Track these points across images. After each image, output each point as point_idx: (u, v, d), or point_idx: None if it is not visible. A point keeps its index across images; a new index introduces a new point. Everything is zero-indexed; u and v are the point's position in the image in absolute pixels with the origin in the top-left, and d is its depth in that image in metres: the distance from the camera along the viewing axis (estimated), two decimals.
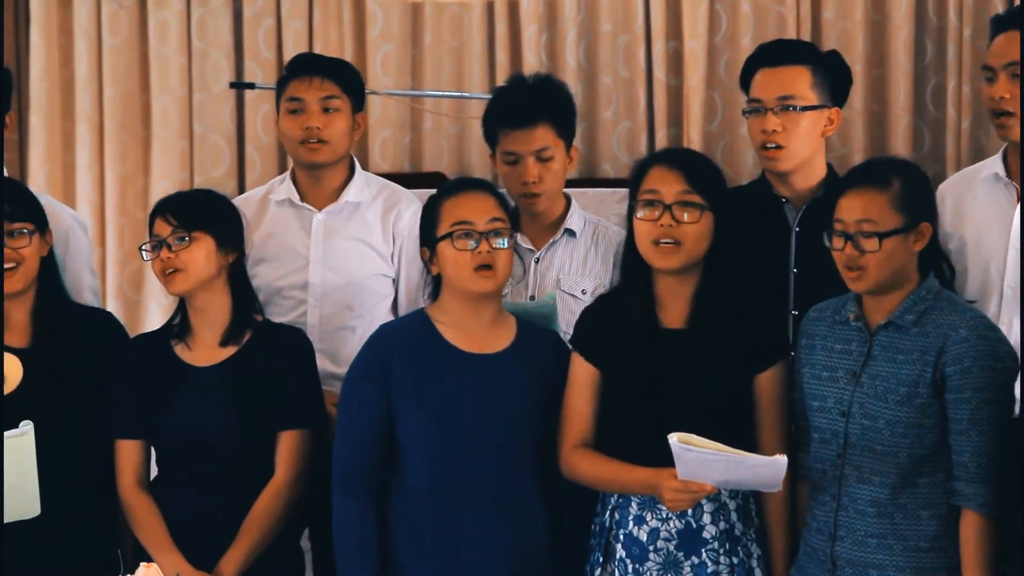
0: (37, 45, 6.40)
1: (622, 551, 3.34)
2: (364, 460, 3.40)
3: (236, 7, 6.38)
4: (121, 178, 6.42)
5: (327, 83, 3.91)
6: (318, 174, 3.93)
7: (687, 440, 3.09)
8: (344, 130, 3.91)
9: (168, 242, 3.50)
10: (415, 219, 3.94)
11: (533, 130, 3.85)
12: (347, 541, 3.39)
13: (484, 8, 6.23)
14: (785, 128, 3.76)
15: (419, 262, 3.91)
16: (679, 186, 3.31)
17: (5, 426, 3.11)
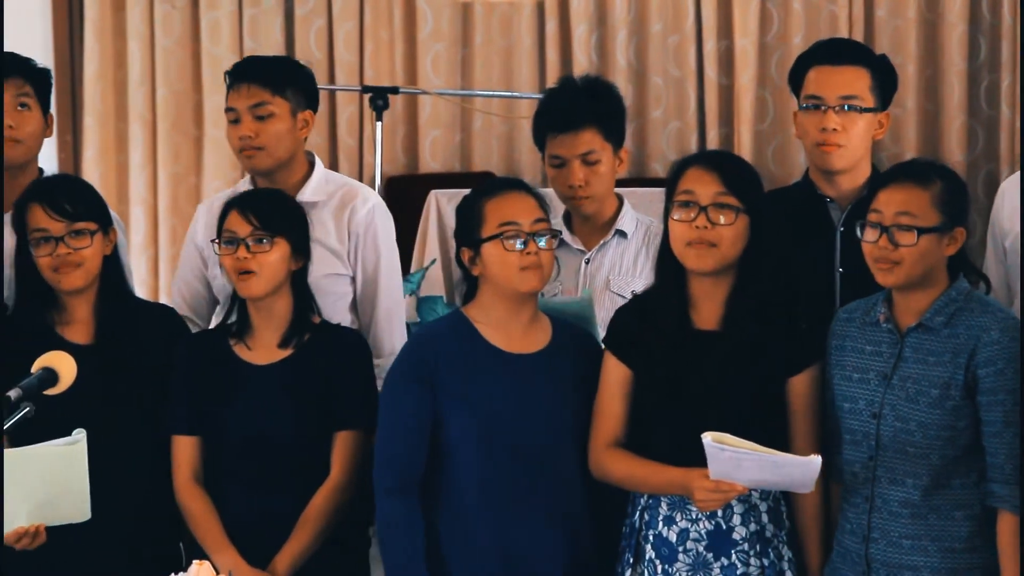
0: (91, 46, 6.45)
1: (652, 552, 3.33)
2: (410, 461, 3.40)
3: (287, 7, 6.41)
4: (173, 177, 6.47)
5: (255, 89, 3.86)
6: (272, 176, 3.92)
7: (721, 439, 3.08)
8: (281, 133, 3.85)
9: (247, 241, 3.51)
10: (371, 215, 3.94)
11: (578, 134, 3.84)
12: (394, 542, 3.39)
13: (534, 7, 6.23)
14: (844, 128, 3.75)
15: (374, 258, 3.93)
16: (715, 188, 3.29)
17: (63, 424, 3.13)
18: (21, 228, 3.52)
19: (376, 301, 3.93)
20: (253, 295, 3.53)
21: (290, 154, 3.88)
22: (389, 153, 6.19)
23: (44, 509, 3.20)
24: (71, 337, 3.52)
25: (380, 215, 3.96)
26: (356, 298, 3.92)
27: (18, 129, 3.84)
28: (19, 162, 3.86)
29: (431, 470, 3.40)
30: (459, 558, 3.39)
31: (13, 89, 3.85)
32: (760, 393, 3.29)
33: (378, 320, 3.91)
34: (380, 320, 3.91)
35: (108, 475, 3.26)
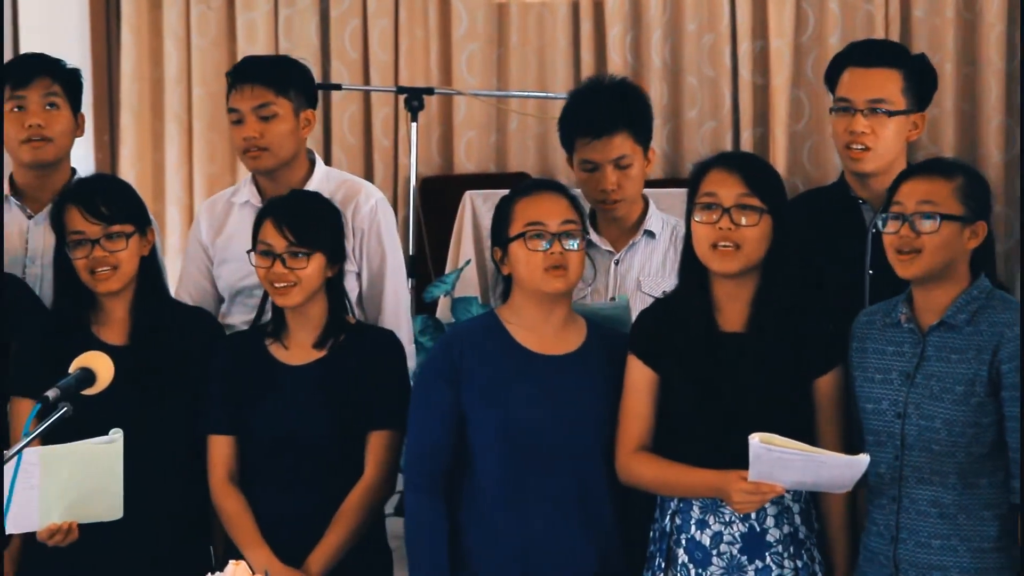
0: (128, 46, 6.49)
1: (684, 556, 3.32)
2: (436, 459, 3.40)
3: (323, 7, 6.43)
4: (209, 177, 6.50)
5: (259, 89, 3.84)
6: (275, 176, 3.91)
7: (768, 440, 3.07)
8: (285, 133, 3.85)
9: (283, 257, 3.51)
10: (374, 212, 3.93)
11: (611, 139, 3.82)
12: (419, 540, 3.39)
13: (569, 8, 6.23)
14: (873, 131, 3.72)
15: (379, 253, 3.93)
16: (738, 189, 3.28)
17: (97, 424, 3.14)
18: (59, 229, 3.53)
19: (382, 297, 3.93)
20: (290, 306, 3.53)
21: (293, 154, 3.89)
22: (424, 154, 6.20)
23: (77, 506, 3.21)
24: (106, 337, 3.53)
25: (383, 211, 3.96)
26: (361, 294, 3.93)
27: (47, 128, 3.85)
28: (48, 161, 3.88)
29: (458, 469, 3.41)
30: (483, 557, 3.39)
31: (41, 89, 3.87)
32: (786, 394, 3.28)
33: (384, 316, 3.92)
34: (387, 316, 3.91)
35: (139, 475, 3.26)
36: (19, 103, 3.84)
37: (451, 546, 3.39)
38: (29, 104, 3.83)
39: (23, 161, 3.88)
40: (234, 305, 3.90)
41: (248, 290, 3.86)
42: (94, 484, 3.18)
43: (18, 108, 3.84)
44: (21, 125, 3.83)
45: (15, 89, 3.84)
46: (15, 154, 3.88)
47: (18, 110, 3.84)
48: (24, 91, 3.84)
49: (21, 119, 3.83)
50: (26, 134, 3.82)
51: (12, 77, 3.87)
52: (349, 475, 3.53)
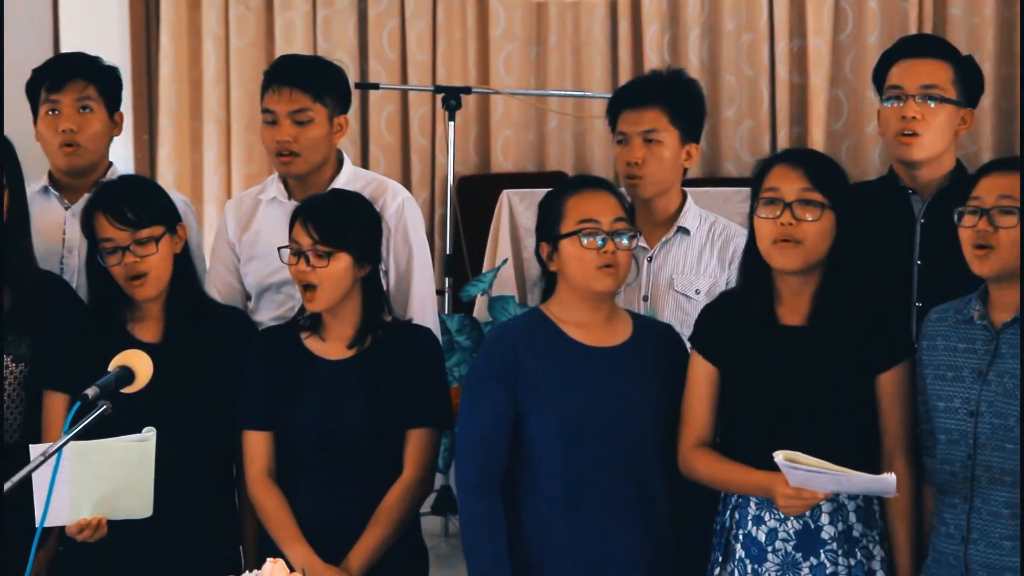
0: (167, 47, 6.52)
1: (741, 551, 3.32)
2: (492, 459, 3.39)
3: (360, 8, 6.45)
4: (247, 176, 6.53)
5: (297, 94, 3.82)
6: (303, 177, 3.93)
7: (792, 458, 3.06)
8: (318, 139, 3.84)
9: (307, 254, 3.52)
10: (400, 211, 3.93)
11: (643, 111, 3.82)
12: (477, 541, 3.38)
13: (607, 7, 6.23)
14: (924, 117, 3.73)
15: (406, 252, 3.92)
16: (800, 184, 3.27)
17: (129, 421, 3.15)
18: (90, 234, 3.55)
19: (409, 295, 3.93)
20: (317, 310, 3.54)
21: (324, 159, 3.89)
22: (461, 153, 6.21)
23: (108, 503, 3.22)
24: (141, 335, 3.54)
25: (410, 209, 3.96)
26: (389, 292, 3.93)
27: (79, 133, 3.86)
28: (82, 166, 3.89)
29: (513, 467, 3.40)
30: (541, 555, 3.38)
31: (75, 92, 3.88)
32: (848, 390, 3.26)
33: (412, 314, 3.91)
34: (414, 313, 3.91)
35: (170, 473, 3.27)
36: (53, 106, 3.86)
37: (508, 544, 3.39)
38: (63, 108, 3.85)
39: (58, 166, 3.91)
40: (261, 301, 3.91)
41: (276, 286, 3.87)
42: (125, 481, 3.19)
43: (52, 112, 3.86)
44: (55, 129, 3.85)
45: (50, 92, 3.86)
46: (51, 157, 3.91)
47: (52, 113, 3.86)
48: (58, 95, 3.86)
49: (55, 123, 3.85)
50: (60, 139, 3.84)
51: (47, 80, 3.89)
52: (387, 472, 3.53)
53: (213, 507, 3.57)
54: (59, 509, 3.10)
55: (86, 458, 3.09)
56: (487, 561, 3.35)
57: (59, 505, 3.09)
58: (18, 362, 3.55)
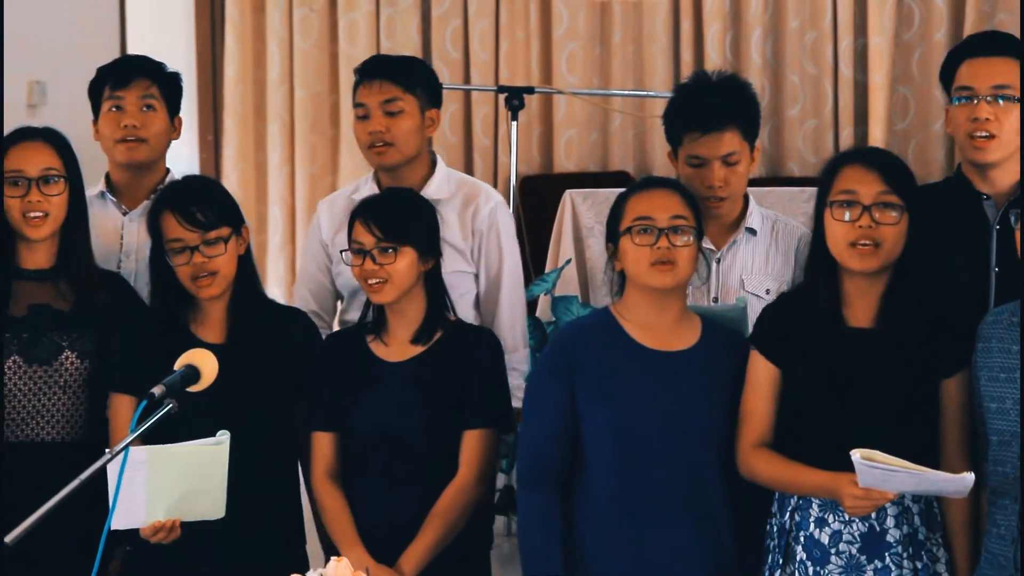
0: (231, 49, 6.57)
1: (803, 553, 3.30)
2: (549, 457, 3.41)
3: (424, 8, 6.46)
4: (310, 177, 6.56)
5: (387, 85, 3.86)
6: (396, 173, 3.93)
7: (870, 456, 3.03)
8: (410, 130, 3.86)
9: (372, 253, 3.54)
10: (494, 213, 3.94)
11: (721, 135, 3.79)
12: (532, 537, 3.40)
13: (669, 6, 6.21)
14: (997, 118, 3.65)
15: (497, 257, 3.93)
16: (878, 187, 3.25)
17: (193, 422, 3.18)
18: (156, 234, 3.57)
19: (499, 299, 3.94)
20: (384, 303, 3.56)
21: (417, 151, 3.91)
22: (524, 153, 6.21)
23: (182, 505, 3.24)
24: (204, 336, 3.57)
25: (502, 213, 3.98)
26: (479, 295, 3.94)
27: (143, 129, 3.90)
28: (143, 161, 3.93)
29: (572, 465, 3.41)
30: (596, 554, 3.38)
31: (139, 90, 3.92)
32: (912, 393, 3.24)
33: (501, 317, 3.93)
34: (503, 317, 3.93)
35: (236, 473, 3.29)
36: (117, 103, 3.90)
37: (564, 544, 3.39)
38: (126, 105, 3.89)
39: (117, 160, 3.94)
40: (353, 302, 3.92)
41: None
42: (199, 484, 3.21)
43: (116, 108, 3.90)
44: (118, 125, 3.89)
45: (114, 89, 3.90)
46: (111, 153, 3.95)
47: (116, 110, 3.90)
48: (122, 92, 3.89)
49: (118, 119, 3.89)
50: (121, 134, 3.88)
51: (112, 78, 3.93)
52: (444, 473, 3.53)
53: (278, 506, 3.60)
54: (134, 512, 3.13)
55: (162, 462, 3.11)
56: (540, 557, 3.36)
57: (134, 508, 3.12)
58: (83, 359, 3.59)
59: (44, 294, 3.61)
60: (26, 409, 3.57)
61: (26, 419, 3.57)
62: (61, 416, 3.58)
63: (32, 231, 3.56)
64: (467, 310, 3.89)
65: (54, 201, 3.57)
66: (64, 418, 3.58)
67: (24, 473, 3.50)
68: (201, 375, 2.94)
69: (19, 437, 3.57)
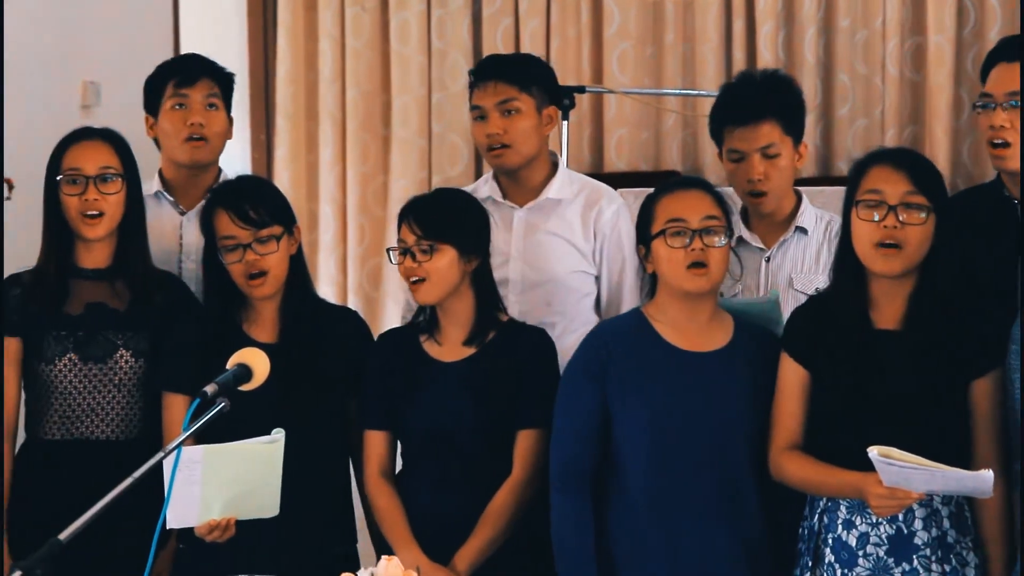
0: (283, 48, 6.59)
1: (831, 555, 3.29)
2: (582, 458, 3.42)
3: (475, 7, 6.46)
4: (362, 176, 6.57)
5: (502, 86, 3.87)
6: (516, 175, 3.93)
7: (887, 453, 3.02)
8: (528, 130, 3.86)
9: (412, 250, 3.55)
10: (616, 217, 3.93)
11: (758, 127, 3.79)
12: (565, 539, 3.41)
13: (721, 5, 6.18)
14: (1012, 125, 3.64)
15: (620, 260, 3.92)
16: (904, 187, 3.23)
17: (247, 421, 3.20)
18: (208, 232, 3.59)
19: (621, 303, 3.93)
20: (425, 302, 3.57)
21: (536, 151, 3.89)
22: (575, 152, 6.20)
23: (237, 503, 3.27)
24: (257, 336, 3.59)
25: (624, 217, 3.96)
26: (599, 297, 3.93)
27: (207, 128, 3.93)
28: (205, 161, 3.95)
29: (602, 466, 3.41)
30: (628, 556, 3.39)
31: (204, 89, 3.94)
32: (941, 395, 3.22)
33: None
34: None
35: (288, 471, 3.31)
36: (181, 101, 3.92)
37: (597, 545, 3.39)
38: (192, 103, 3.91)
39: (180, 160, 3.95)
40: None
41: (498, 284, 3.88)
42: (255, 482, 3.23)
43: (180, 106, 3.92)
44: (183, 123, 3.90)
45: (179, 87, 3.92)
46: (172, 152, 3.95)
47: (180, 108, 3.92)
48: (188, 90, 3.91)
49: (184, 117, 3.91)
50: (188, 132, 3.89)
51: (177, 75, 3.95)
52: (497, 473, 3.55)
53: (330, 505, 3.62)
54: (189, 510, 3.16)
55: (218, 461, 3.14)
56: (574, 558, 3.38)
57: (189, 506, 3.14)
58: (137, 357, 3.61)
59: (101, 293, 3.65)
60: (81, 407, 3.60)
61: (81, 417, 3.60)
62: (116, 414, 3.61)
63: (89, 230, 3.59)
64: (588, 312, 3.89)
65: (111, 200, 3.60)
66: (119, 416, 3.61)
67: (79, 471, 3.54)
68: (253, 374, 2.96)
69: (74, 435, 3.60)
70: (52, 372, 3.60)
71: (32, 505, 3.58)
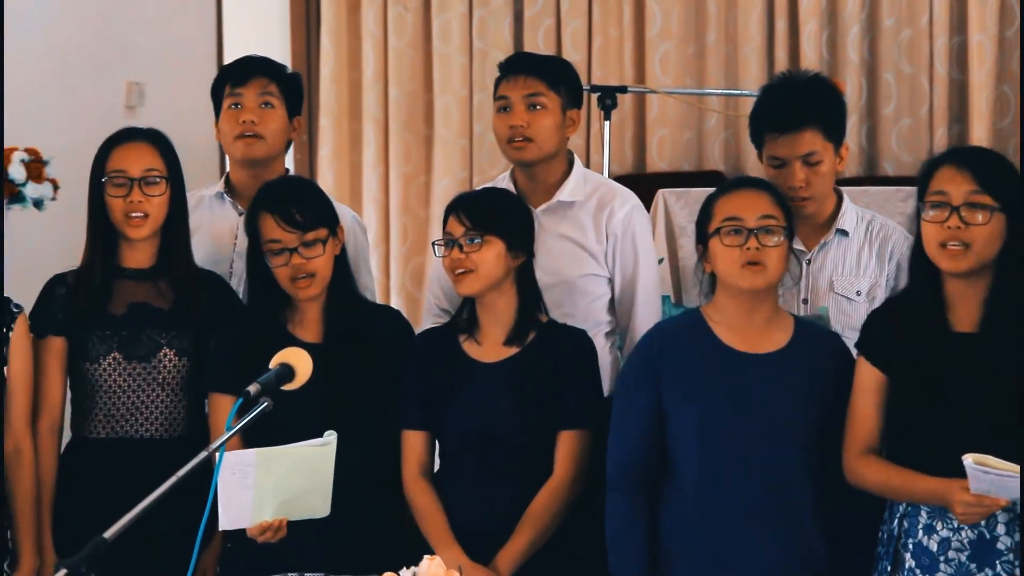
0: (327, 49, 6.62)
1: (911, 561, 3.26)
2: (637, 458, 3.40)
3: (516, 7, 6.47)
4: (404, 176, 6.59)
5: (532, 80, 3.86)
6: (533, 172, 3.92)
7: (982, 461, 2.99)
8: (551, 127, 3.85)
9: (459, 242, 3.55)
10: (629, 217, 3.92)
11: (800, 135, 3.76)
12: (619, 539, 3.40)
13: (764, 5, 6.17)
14: None
15: (632, 260, 3.90)
16: (968, 187, 3.20)
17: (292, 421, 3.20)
18: (253, 234, 3.61)
19: (634, 303, 3.91)
20: (469, 293, 3.56)
21: (555, 150, 3.89)
22: (616, 152, 6.20)
23: (289, 505, 3.27)
24: (302, 336, 3.60)
25: (638, 217, 3.95)
26: (614, 299, 3.93)
27: (259, 125, 3.93)
28: (259, 158, 3.96)
29: (659, 467, 3.40)
30: (679, 556, 3.38)
31: (258, 88, 3.95)
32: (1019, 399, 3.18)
33: (636, 322, 3.90)
34: (638, 322, 3.89)
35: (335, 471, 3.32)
36: (236, 100, 3.94)
37: (651, 544, 3.38)
38: (245, 101, 3.93)
39: (235, 157, 3.98)
40: None
41: None
42: (307, 484, 3.23)
43: (235, 105, 3.94)
44: (236, 121, 3.92)
45: (234, 87, 3.95)
46: (229, 150, 3.99)
47: (235, 107, 3.94)
48: (241, 89, 3.93)
49: (237, 115, 3.93)
50: (239, 129, 3.91)
51: (232, 76, 3.98)
52: (539, 473, 3.54)
53: (376, 504, 3.62)
54: (242, 513, 3.17)
55: (270, 464, 3.14)
56: (626, 558, 3.36)
57: (242, 509, 3.15)
58: (180, 356, 3.63)
59: (144, 293, 3.67)
60: (126, 406, 3.63)
61: (126, 415, 3.63)
62: (160, 413, 3.64)
63: (133, 231, 3.62)
64: (600, 314, 3.88)
65: (155, 202, 3.62)
66: (164, 415, 3.64)
67: (124, 469, 3.56)
68: (296, 373, 2.97)
69: (119, 433, 3.63)
70: (97, 371, 3.63)
71: (78, 503, 3.60)
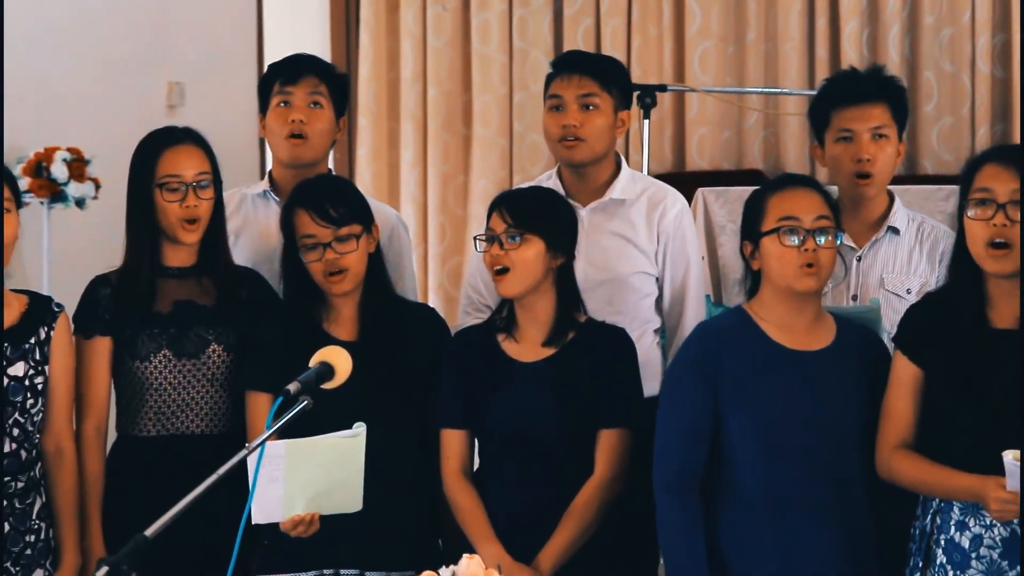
0: (366, 48, 6.64)
1: (943, 557, 3.25)
2: (688, 459, 3.38)
3: (556, 6, 6.47)
4: (443, 176, 6.60)
5: (586, 80, 3.85)
6: (582, 171, 3.92)
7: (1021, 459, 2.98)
8: (603, 128, 3.84)
9: (500, 238, 3.55)
10: (680, 218, 3.92)
11: (871, 107, 3.77)
12: (673, 540, 3.38)
13: (804, 3, 6.15)
14: None
15: (684, 262, 3.91)
16: (1013, 184, 3.18)
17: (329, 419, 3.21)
18: (288, 231, 3.62)
19: (684, 304, 3.91)
20: (508, 294, 3.56)
21: (605, 151, 3.89)
22: (656, 151, 6.19)
23: (321, 499, 3.28)
24: (337, 334, 3.61)
25: (687, 219, 3.96)
26: (661, 298, 3.93)
27: (308, 125, 3.93)
28: (306, 160, 3.95)
29: (711, 467, 3.39)
30: (739, 558, 3.36)
31: (309, 87, 3.95)
32: None
33: (686, 321, 3.90)
34: (687, 323, 3.89)
35: (370, 468, 3.33)
36: (285, 98, 3.93)
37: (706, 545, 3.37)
38: (295, 100, 3.93)
39: (282, 158, 3.97)
40: None
41: None
42: (337, 477, 3.24)
43: (284, 104, 3.94)
44: (285, 120, 3.92)
45: (284, 85, 3.94)
46: (276, 149, 3.98)
47: (284, 105, 3.93)
48: (292, 87, 3.93)
49: (286, 114, 3.93)
50: (289, 129, 3.91)
51: (282, 74, 3.97)
52: (580, 473, 3.54)
53: (414, 502, 3.63)
54: (273, 506, 3.18)
55: (300, 456, 3.14)
56: (684, 561, 3.34)
57: (273, 502, 3.16)
58: (228, 351, 3.65)
59: (187, 291, 3.69)
60: (176, 403, 3.64)
61: (176, 412, 3.64)
62: (208, 409, 3.66)
63: (188, 235, 3.63)
64: (648, 311, 3.88)
65: (204, 205, 3.64)
66: (211, 411, 3.66)
67: (174, 465, 3.58)
68: (336, 372, 2.97)
69: (169, 430, 3.65)
70: (147, 369, 3.64)
71: (129, 502, 3.61)
